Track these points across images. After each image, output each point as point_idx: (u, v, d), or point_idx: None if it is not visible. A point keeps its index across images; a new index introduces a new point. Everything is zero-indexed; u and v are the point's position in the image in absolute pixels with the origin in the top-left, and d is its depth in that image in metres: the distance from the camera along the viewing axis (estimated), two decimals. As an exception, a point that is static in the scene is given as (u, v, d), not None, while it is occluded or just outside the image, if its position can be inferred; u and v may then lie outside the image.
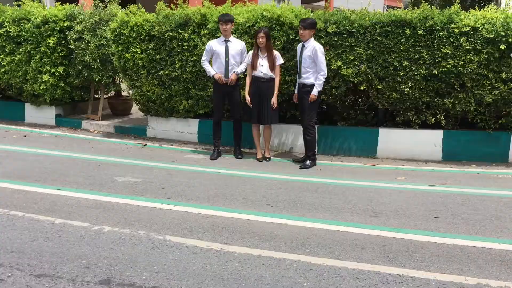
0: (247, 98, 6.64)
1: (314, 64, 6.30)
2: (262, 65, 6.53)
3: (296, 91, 6.71)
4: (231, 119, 7.14)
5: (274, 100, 6.60)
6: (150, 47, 7.69)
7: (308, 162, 6.50)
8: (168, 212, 4.68)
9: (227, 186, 5.57)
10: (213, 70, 6.78)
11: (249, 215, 4.59)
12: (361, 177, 6.01)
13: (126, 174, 6.05)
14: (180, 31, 7.44)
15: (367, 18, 6.59)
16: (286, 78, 7.01)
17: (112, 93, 9.90)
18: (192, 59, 7.45)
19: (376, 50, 6.57)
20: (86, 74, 8.76)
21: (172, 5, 7.81)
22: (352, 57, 6.63)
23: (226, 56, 6.66)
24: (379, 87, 6.67)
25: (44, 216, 4.53)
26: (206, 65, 6.84)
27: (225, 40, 6.68)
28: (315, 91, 6.28)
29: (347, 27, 6.59)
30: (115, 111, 9.71)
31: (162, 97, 7.85)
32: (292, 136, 7.34)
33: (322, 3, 19.83)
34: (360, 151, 7.04)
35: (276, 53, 6.61)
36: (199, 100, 7.68)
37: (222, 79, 6.68)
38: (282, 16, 6.86)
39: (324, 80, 6.30)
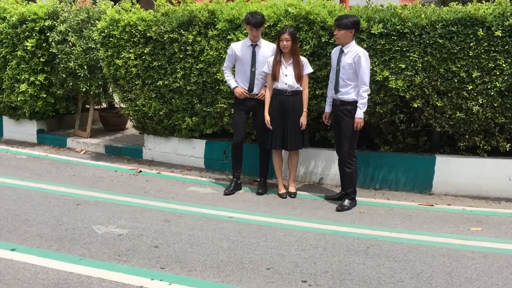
0: (267, 118, 5.16)
1: (356, 76, 4.82)
2: (286, 75, 5.05)
3: (327, 109, 5.22)
4: (257, 142, 5.66)
5: (303, 120, 5.12)
6: (145, 51, 6.23)
7: (346, 202, 5.01)
8: (160, 297, 3.21)
9: (244, 243, 4.09)
10: (234, 81, 5.33)
11: (280, 306, 3.11)
12: (421, 226, 4.52)
13: (110, 220, 4.58)
14: (182, 32, 5.97)
15: (423, 15, 5.08)
16: (316, 92, 5.52)
17: (105, 104, 8.43)
18: (198, 66, 5.98)
19: (436, 57, 5.06)
20: (71, 84, 7.32)
21: (174, 0, 6.35)
22: (403, 66, 5.13)
23: (252, 66, 5.19)
24: (438, 105, 5.16)
25: (-22, 303, 3.08)
26: (227, 75, 5.40)
27: (252, 45, 5.21)
28: (359, 114, 4.79)
29: (398, 27, 5.08)
30: (107, 125, 8.25)
31: (161, 113, 6.39)
32: (322, 163, 5.84)
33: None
34: (411, 184, 5.53)
35: (304, 59, 5.13)
36: (206, 117, 6.21)
37: (244, 93, 5.22)
38: (312, 13, 5.37)
39: (367, 97, 4.82)
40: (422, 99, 5.22)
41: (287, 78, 5.04)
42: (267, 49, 5.24)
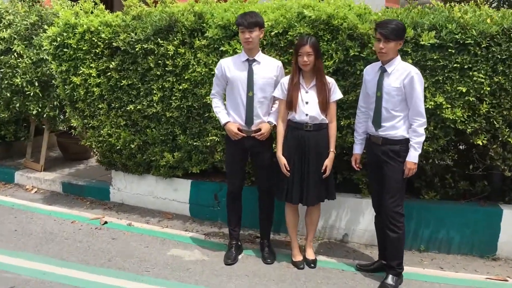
0: (282, 161, 3.72)
1: (404, 104, 3.43)
2: (307, 103, 3.63)
3: (356, 150, 3.80)
4: (256, 185, 4.18)
5: (328, 163, 3.70)
6: (111, 66, 4.75)
7: (390, 279, 3.59)
8: None
9: None
10: (225, 114, 3.87)
11: None
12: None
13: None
14: (160, 41, 4.51)
15: (488, 20, 3.72)
16: (341, 123, 4.11)
17: (64, 128, 6.87)
18: (181, 87, 4.53)
19: (510, 77, 3.71)
20: (18, 104, 5.77)
21: (149, 0, 4.86)
22: (463, 89, 3.76)
23: (249, 89, 3.75)
24: (511, 141, 3.81)
25: None
26: (216, 105, 3.94)
27: (248, 60, 3.77)
28: (413, 157, 3.41)
29: (457, 36, 3.71)
30: (67, 154, 6.71)
31: (133, 146, 4.91)
32: (347, 214, 4.44)
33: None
34: (468, 245, 4.15)
35: (331, 81, 3.72)
36: (192, 152, 4.76)
37: (237, 132, 3.78)
38: (336, 16, 3.96)
39: (424, 134, 3.44)
40: (488, 133, 3.86)
41: (308, 107, 3.62)
42: (269, 67, 3.79)
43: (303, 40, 3.56)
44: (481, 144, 3.84)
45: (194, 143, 4.65)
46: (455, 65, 3.76)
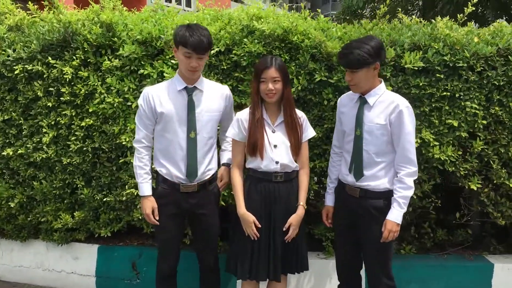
0: (250, 219, 2.67)
1: (392, 146, 2.59)
2: (275, 146, 2.66)
3: (328, 202, 2.92)
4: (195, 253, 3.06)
5: (293, 221, 2.71)
6: (-22, 95, 3.40)
7: None
8: None
9: None
10: (148, 183, 2.74)
11: None
12: None
13: None
14: (52, 60, 3.28)
15: (475, 39, 3.08)
16: (304, 166, 3.20)
17: None
18: (83, 123, 3.32)
19: (509, 107, 3.08)
20: None
21: (31, 5, 3.57)
22: (455, 123, 3.06)
23: (190, 129, 2.66)
24: (508, 185, 3.17)
25: None
26: (140, 160, 2.72)
27: (186, 88, 2.69)
28: (396, 216, 2.56)
29: (445, 58, 3.01)
30: None
31: (12, 204, 3.55)
32: (310, 279, 3.51)
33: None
34: (455, 308, 3.45)
35: (301, 115, 2.79)
36: (100, 209, 3.53)
37: (150, 219, 2.77)
38: (295, 31, 3.07)
39: (413, 188, 2.59)
40: (480, 175, 3.20)
41: (278, 152, 2.65)
42: (215, 96, 2.76)
43: (267, 62, 2.59)
44: (475, 189, 3.15)
45: (104, 198, 3.43)
46: (444, 93, 3.05)
